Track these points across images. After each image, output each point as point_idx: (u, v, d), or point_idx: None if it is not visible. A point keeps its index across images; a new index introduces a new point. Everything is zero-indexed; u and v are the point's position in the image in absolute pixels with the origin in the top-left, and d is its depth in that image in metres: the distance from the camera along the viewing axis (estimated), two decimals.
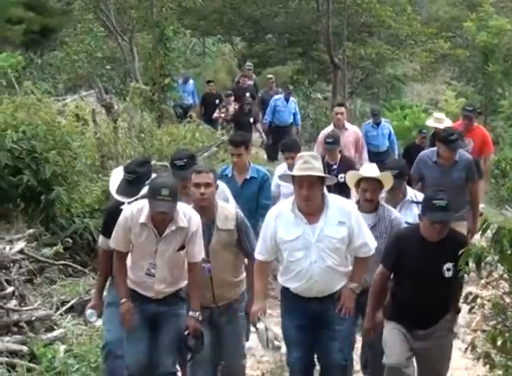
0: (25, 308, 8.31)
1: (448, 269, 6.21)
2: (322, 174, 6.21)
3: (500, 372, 4.88)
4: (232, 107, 17.89)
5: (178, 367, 6.78)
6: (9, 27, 24.16)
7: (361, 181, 7.10)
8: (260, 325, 6.47)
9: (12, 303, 8.29)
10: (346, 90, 25.97)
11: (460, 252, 5.10)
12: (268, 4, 28.46)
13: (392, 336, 6.47)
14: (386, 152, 15.34)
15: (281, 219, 6.29)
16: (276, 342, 6.66)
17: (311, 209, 6.22)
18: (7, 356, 7.42)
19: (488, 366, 5.86)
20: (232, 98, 18.16)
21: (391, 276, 6.53)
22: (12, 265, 8.90)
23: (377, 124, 15.34)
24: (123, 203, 6.62)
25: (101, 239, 6.97)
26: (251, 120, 17.61)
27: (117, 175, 6.86)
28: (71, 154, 10.93)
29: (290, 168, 9.33)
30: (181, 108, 17.84)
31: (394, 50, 27.55)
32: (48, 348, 7.69)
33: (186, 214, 6.29)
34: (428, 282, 6.25)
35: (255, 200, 8.97)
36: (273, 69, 26.78)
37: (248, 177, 9.01)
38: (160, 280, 6.33)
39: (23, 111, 11.12)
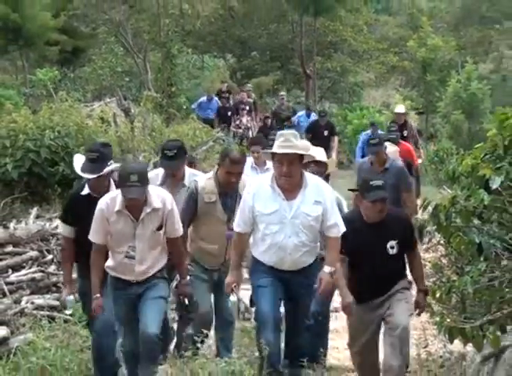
0: (62, 272, 8.28)
1: (392, 247, 5.47)
2: (302, 152, 5.33)
3: (438, 318, 4.88)
4: (245, 119, 17.32)
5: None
6: (47, 48, 24.11)
7: (310, 163, 6.01)
8: (233, 297, 5.63)
9: (52, 268, 8.30)
10: (316, 95, 25.94)
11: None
12: (253, 27, 28.43)
13: (354, 325, 5.67)
14: None
15: (259, 193, 5.39)
16: (247, 314, 5.66)
17: (290, 186, 5.32)
18: (48, 310, 7.40)
19: (428, 313, 5.92)
20: (245, 111, 17.35)
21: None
22: (51, 237, 8.87)
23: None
24: (82, 190, 5.78)
25: (61, 226, 6.14)
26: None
27: (79, 159, 5.86)
28: None
29: (256, 161, 8.25)
30: (205, 121, 17.09)
31: (354, 62, 27.49)
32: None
33: (160, 195, 5.40)
34: (376, 260, 5.45)
35: None
36: (257, 79, 26.67)
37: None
38: (139, 262, 5.38)
39: (58, 115, 11.13)
